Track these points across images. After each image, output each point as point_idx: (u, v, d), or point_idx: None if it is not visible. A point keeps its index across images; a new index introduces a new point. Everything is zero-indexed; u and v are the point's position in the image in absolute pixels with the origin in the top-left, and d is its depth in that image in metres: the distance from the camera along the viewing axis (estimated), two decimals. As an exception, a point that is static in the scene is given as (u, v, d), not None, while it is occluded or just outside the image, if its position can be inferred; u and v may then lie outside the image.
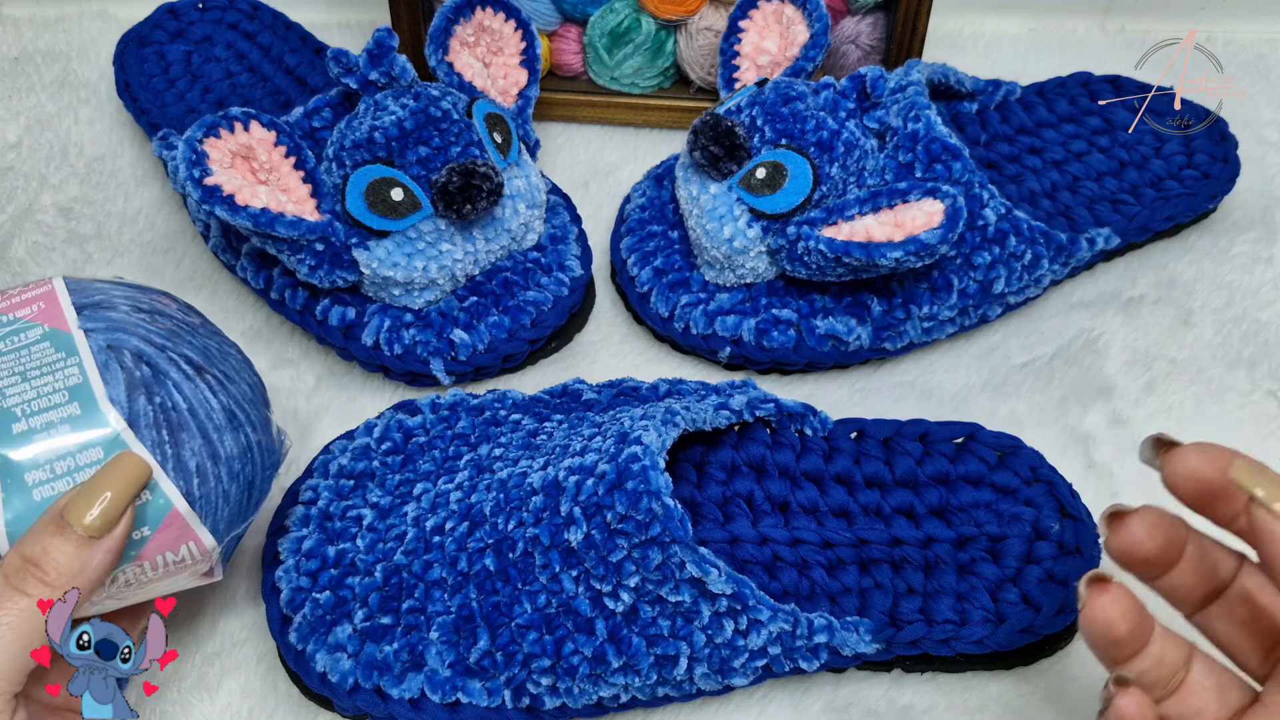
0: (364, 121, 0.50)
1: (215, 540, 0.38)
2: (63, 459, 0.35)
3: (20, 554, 0.33)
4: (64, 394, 0.36)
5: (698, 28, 0.62)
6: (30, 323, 0.38)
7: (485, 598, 0.41)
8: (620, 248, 0.57)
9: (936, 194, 0.48)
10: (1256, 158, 0.63)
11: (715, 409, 0.46)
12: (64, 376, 0.36)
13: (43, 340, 0.37)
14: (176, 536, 0.37)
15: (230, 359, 0.41)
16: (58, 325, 0.38)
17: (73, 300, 0.39)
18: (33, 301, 0.39)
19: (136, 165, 0.64)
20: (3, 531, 0.34)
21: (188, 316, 0.41)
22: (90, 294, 0.40)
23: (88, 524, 0.33)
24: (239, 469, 0.39)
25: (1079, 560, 0.44)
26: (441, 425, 0.49)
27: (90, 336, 0.38)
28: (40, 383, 0.36)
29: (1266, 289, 0.57)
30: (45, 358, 0.37)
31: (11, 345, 0.37)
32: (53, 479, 0.35)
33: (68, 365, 0.37)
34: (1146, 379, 0.54)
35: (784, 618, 0.41)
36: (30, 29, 0.70)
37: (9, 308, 0.39)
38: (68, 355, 0.37)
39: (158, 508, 0.36)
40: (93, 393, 0.36)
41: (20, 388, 0.36)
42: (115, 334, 0.38)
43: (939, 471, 0.47)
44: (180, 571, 0.38)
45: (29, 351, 0.37)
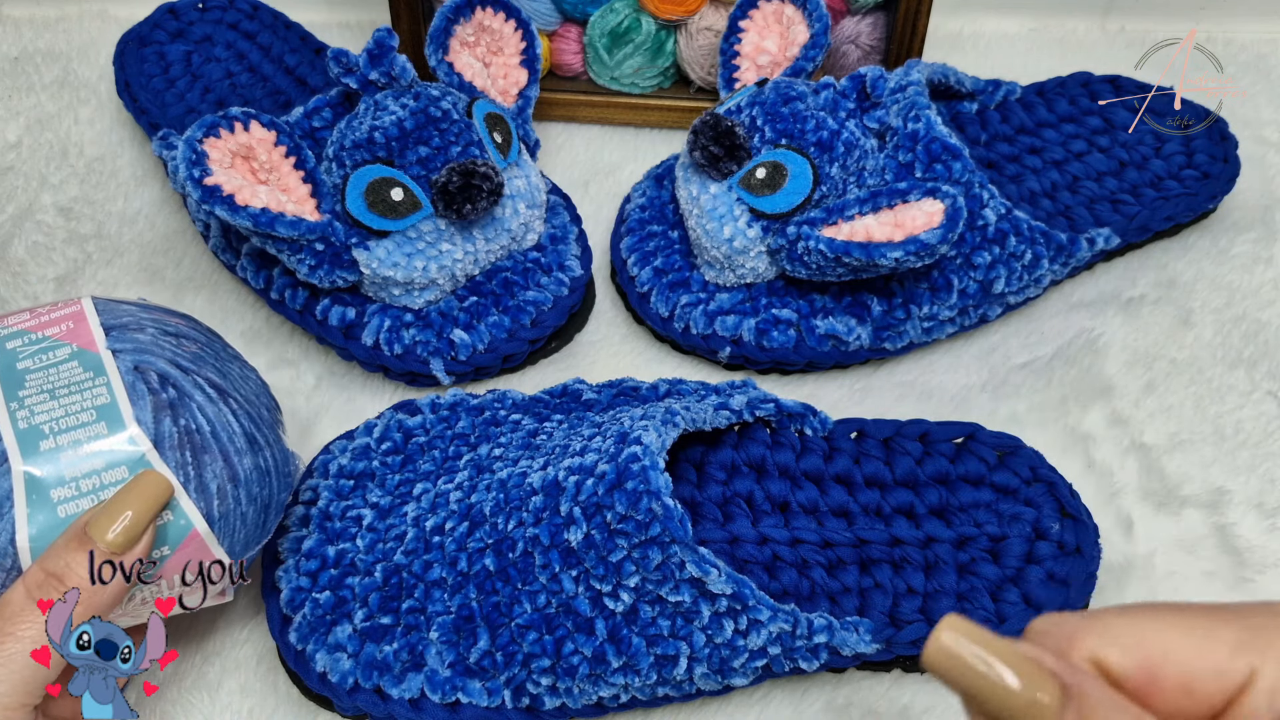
0: (364, 121, 0.50)
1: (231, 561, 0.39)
2: (88, 477, 0.36)
3: (44, 568, 0.34)
4: (91, 413, 0.37)
5: (698, 28, 0.62)
6: (59, 342, 0.39)
7: (485, 598, 0.41)
8: (620, 248, 0.57)
9: (936, 194, 0.48)
10: (1256, 158, 0.63)
11: (715, 409, 0.46)
12: (92, 396, 0.37)
13: (71, 360, 0.38)
14: (192, 558, 0.38)
15: (250, 382, 0.42)
16: (86, 345, 0.38)
17: (101, 321, 0.39)
18: (61, 321, 0.39)
19: (136, 165, 0.64)
20: (26, 546, 0.35)
21: (211, 340, 0.42)
22: (118, 315, 0.40)
23: (110, 540, 0.34)
24: (257, 491, 0.39)
25: (1079, 560, 0.44)
26: (441, 425, 0.49)
27: (118, 357, 0.38)
28: (68, 401, 0.37)
29: (1266, 289, 0.57)
30: (73, 377, 0.37)
31: (40, 363, 0.38)
32: (78, 496, 0.36)
33: (95, 385, 0.37)
34: (1146, 379, 0.54)
35: (784, 618, 0.41)
36: (30, 29, 0.70)
37: (38, 326, 0.39)
38: (96, 375, 0.37)
39: (178, 528, 0.37)
40: (120, 413, 0.37)
41: (48, 405, 0.37)
42: (142, 356, 0.39)
43: (939, 471, 0.47)
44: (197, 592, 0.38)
45: (57, 370, 0.38)
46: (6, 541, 0.35)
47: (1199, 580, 0.48)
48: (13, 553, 0.35)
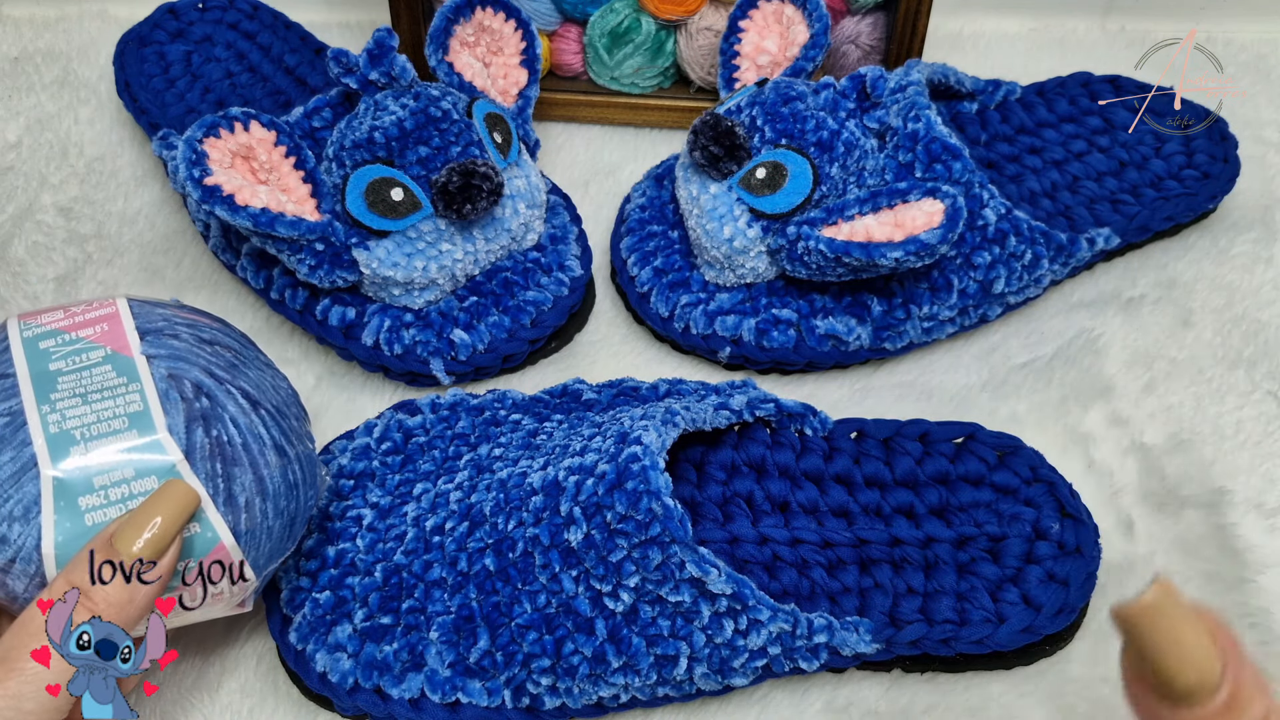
0: (364, 121, 0.50)
1: (255, 574, 0.38)
2: (118, 485, 0.35)
3: (69, 581, 0.33)
4: (124, 420, 0.36)
5: (698, 28, 0.62)
6: (93, 344, 0.38)
7: (485, 598, 0.41)
8: (620, 248, 0.57)
9: (936, 194, 0.48)
10: (1256, 158, 0.63)
11: (715, 409, 0.46)
12: (125, 403, 0.36)
13: (105, 363, 0.37)
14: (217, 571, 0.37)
15: (281, 390, 0.41)
16: (120, 349, 0.38)
17: (136, 324, 0.39)
18: (96, 322, 0.39)
19: (136, 165, 0.64)
20: (51, 554, 0.34)
21: (245, 347, 0.41)
22: (153, 319, 0.39)
23: (136, 551, 0.34)
24: (284, 505, 0.39)
25: (1079, 560, 0.44)
26: (441, 425, 0.49)
27: (152, 363, 0.38)
28: (100, 407, 0.36)
29: (1266, 289, 0.57)
30: (107, 381, 0.37)
31: (74, 365, 0.37)
32: (106, 505, 0.35)
33: (129, 391, 0.36)
34: (1146, 379, 0.54)
35: (784, 618, 0.41)
36: (30, 29, 0.70)
37: (72, 326, 0.38)
38: (129, 381, 0.37)
39: (205, 540, 0.36)
40: (152, 421, 0.36)
41: (80, 410, 0.36)
42: (177, 363, 0.38)
43: (939, 471, 0.47)
44: (217, 603, 0.38)
45: (90, 373, 0.37)
46: (32, 547, 0.35)
47: (1199, 580, 0.48)
48: (38, 559, 0.35)
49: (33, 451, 0.35)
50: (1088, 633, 0.46)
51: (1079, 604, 0.43)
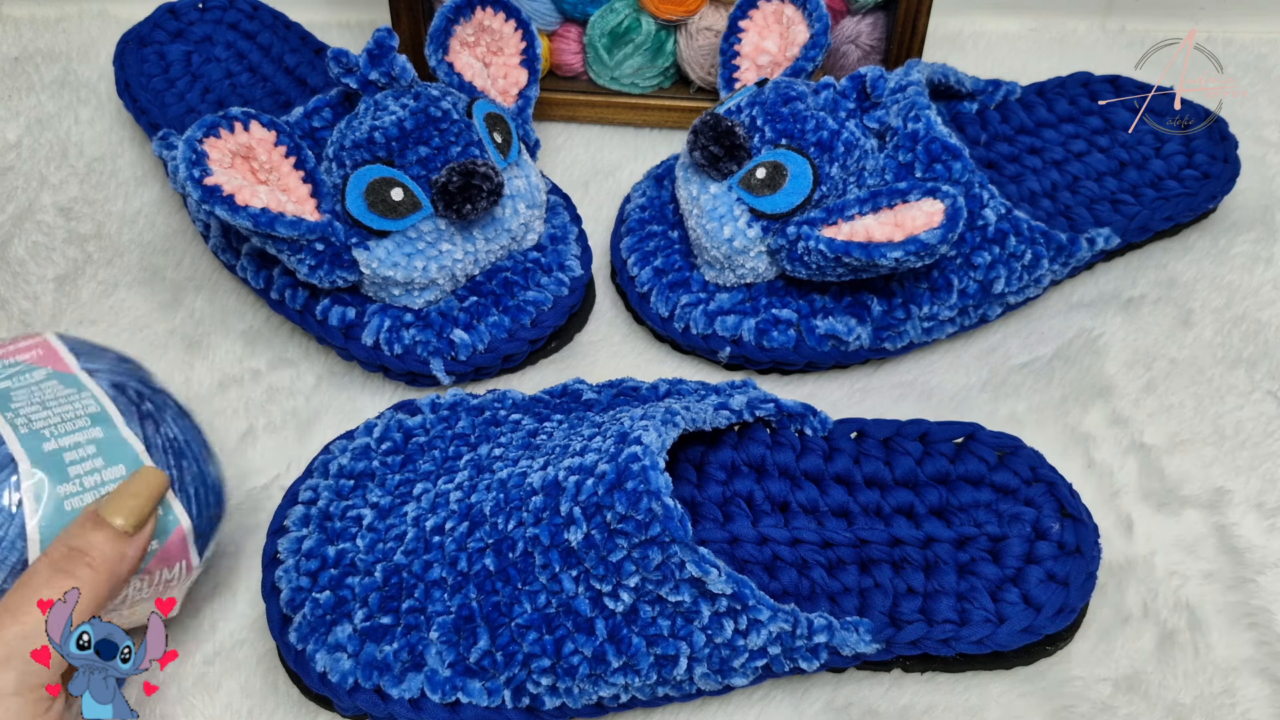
0: (364, 121, 0.50)
1: (198, 560, 0.42)
2: (91, 475, 0.38)
3: (66, 544, 0.36)
4: (86, 419, 0.39)
5: (698, 28, 0.62)
6: (33, 365, 0.42)
7: (485, 598, 0.41)
8: (620, 248, 0.57)
9: (936, 194, 0.48)
10: (1256, 158, 0.63)
11: (715, 409, 0.46)
12: (82, 406, 0.40)
13: (50, 379, 0.41)
14: (175, 554, 0.40)
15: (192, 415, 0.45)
16: (61, 369, 0.42)
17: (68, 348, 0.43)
18: (30, 349, 0.42)
19: (136, 165, 0.64)
20: (36, 538, 0.37)
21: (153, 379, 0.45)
22: (81, 347, 0.44)
23: (120, 524, 0.37)
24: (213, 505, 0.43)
25: (1079, 560, 0.44)
26: (441, 425, 0.49)
27: (95, 376, 0.42)
28: (61, 410, 0.40)
29: (1266, 289, 0.57)
30: (58, 392, 0.40)
31: (22, 383, 0.41)
32: (82, 492, 0.38)
33: (82, 396, 0.40)
34: (1146, 379, 0.54)
35: (784, 618, 0.41)
36: (30, 29, 0.70)
37: (6, 354, 0.42)
38: (79, 390, 0.41)
39: (166, 524, 0.40)
40: (112, 418, 0.40)
41: (44, 414, 0.39)
42: (116, 375, 0.42)
43: (939, 471, 0.47)
44: (167, 590, 0.41)
45: (40, 387, 0.40)
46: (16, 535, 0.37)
47: (1199, 580, 0.48)
48: (21, 545, 0.37)
49: (8, 450, 0.38)
50: (1088, 633, 0.46)
51: (1079, 604, 0.43)
